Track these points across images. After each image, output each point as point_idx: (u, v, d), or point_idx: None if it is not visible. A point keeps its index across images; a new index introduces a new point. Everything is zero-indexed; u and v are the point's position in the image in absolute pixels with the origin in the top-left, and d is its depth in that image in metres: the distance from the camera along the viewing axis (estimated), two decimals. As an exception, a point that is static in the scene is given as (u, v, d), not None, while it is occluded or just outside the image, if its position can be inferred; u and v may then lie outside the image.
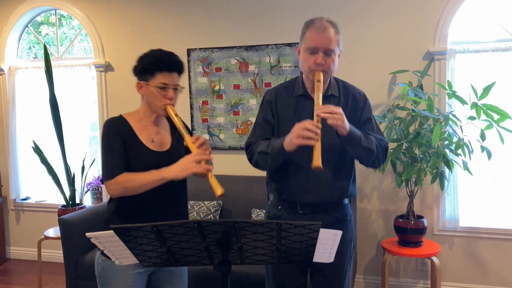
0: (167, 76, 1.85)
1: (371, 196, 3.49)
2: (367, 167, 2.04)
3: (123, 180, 1.77)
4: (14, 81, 4.26)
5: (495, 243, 3.28)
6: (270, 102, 2.05)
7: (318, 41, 1.87)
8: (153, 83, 1.84)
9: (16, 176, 4.32)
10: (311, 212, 2.00)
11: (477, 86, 2.83)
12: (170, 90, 1.85)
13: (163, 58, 1.85)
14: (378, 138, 1.98)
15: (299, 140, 1.77)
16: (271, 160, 1.93)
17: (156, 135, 1.91)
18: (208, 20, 3.73)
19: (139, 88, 1.89)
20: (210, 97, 3.76)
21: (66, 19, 4.53)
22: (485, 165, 3.12)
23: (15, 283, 3.90)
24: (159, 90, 1.83)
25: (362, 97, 2.05)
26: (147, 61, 1.85)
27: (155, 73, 1.83)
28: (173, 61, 1.87)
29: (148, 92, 1.86)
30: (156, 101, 1.85)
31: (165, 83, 1.84)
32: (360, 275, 3.57)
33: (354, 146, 1.90)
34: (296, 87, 2.05)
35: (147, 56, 1.87)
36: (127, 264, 1.50)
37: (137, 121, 1.91)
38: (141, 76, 1.87)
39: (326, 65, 1.89)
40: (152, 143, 1.88)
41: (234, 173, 3.71)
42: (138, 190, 1.77)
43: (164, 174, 1.74)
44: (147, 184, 1.75)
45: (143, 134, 1.88)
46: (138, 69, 1.88)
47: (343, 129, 1.81)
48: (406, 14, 3.30)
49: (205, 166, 1.75)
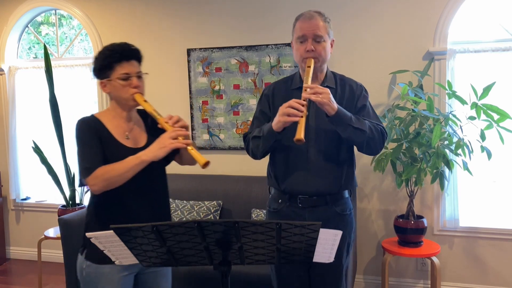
0: (127, 65, 1.80)
1: (371, 196, 3.49)
2: (364, 152, 2.02)
3: (102, 172, 1.71)
4: (14, 81, 4.26)
5: (495, 243, 3.28)
6: (267, 96, 2.13)
7: (306, 28, 1.96)
8: (114, 76, 1.79)
9: (16, 176, 4.32)
10: (311, 205, 2.01)
11: (477, 86, 2.83)
12: (134, 78, 1.80)
13: (117, 49, 1.80)
14: (373, 123, 1.98)
15: (284, 117, 1.82)
16: (262, 142, 1.97)
17: (130, 132, 1.88)
18: (208, 20, 3.74)
19: (103, 88, 1.84)
20: (210, 97, 3.77)
21: (66, 19, 4.53)
22: (485, 165, 3.12)
23: (15, 283, 3.90)
24: (122, 81, 1.79)
25: (358, 87, 2.09)
26: (103, 57, 1.80)
27: (114, 66, 1.79)
28: (128, 49, 1.82)
29: (112, 88, 1.82)
30: (122, 93, 1.81)
31: (126, 73, 1.79)
32: (360, 275, 3.57)
33: (344, 127, 1.89)
34: (294, 81, 2.11)
35: (101, 53, 1.82)
36: (124, 264, 1.49)
37: (110, 119, 1.86)
38: (102, 74, 1.83)
39: (317, 52, 1.96)
40: (128, 140, 1.85)
41: (234, 173, 3.72)
42: (119, 179, 1.72)
43: (143, 157, 1.70)
44: (128, 170, 1.70)
45: (117, 132, 1.85)
46: (96, 70, 1.84)
47: (330, 107, 1.83)
48: (406, 14, 3.30)
49: (183, 141, 1.70)
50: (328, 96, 1.82)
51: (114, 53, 1.79)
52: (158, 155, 1.69)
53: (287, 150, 2.02)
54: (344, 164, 2.04)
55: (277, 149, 2.05)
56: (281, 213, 2.08)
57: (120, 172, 1.71)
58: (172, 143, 1.68)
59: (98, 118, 1.85)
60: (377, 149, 2.00)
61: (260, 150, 2.02)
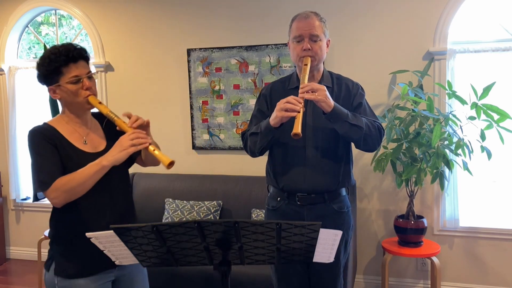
0: (74, 67, 1.69)
1: (371, 196, 3.49)
2: (362, 149, 2.03)
3: (62, 183, 1.62)
4: (14, 81, 4.26)
5: (495, 243, 3.28)
6: (265, 95, 2.16)
7: (302, 28, 1.99)
8: (63, 81, 1.69)
9: (16, 176, 4.31)
10: (309, 203, 2.03)
11: (477, 86, 2.83)
12: (84, 79, 1.70)
13: (62, 51, 1.68)
14: (370, 119, 2.01)
15: (282, 112, 1.84)
16: (260, 138, 2.00)
17: (87, 136, 1.80)
18: (208, 20, 3.73)
19: (52, 94, 1.73)
20: (210, 97, 3.76)
21: (66, 19, 4.53)
22: (485, 165, 3.12)
23: (15, 283, 3.90)
24: (72, 85, 1.69)
25: (355, 86, 2.12)
26: (48, 62, 1.69)
27: (61, 70, 1.68)
28: (74, 50, 1.70)
29: (63, 93, 1.71)
30: (75, 97, 1.71)
31: (76, 75, 1.69)
32: (360, 275, 3.57)
33: (341, 123, 1.91)
34: (291, 80, 2.14)
35: (45, 58, 1.70)
36: (124, 264, 1.49)
37: (64, 126, 1.77)
38: (49, 80, 1.72)
39: (313, 51, 1.98)
40: (86, 145, 1.77)
41: (234, 173, 3.72)
42: (81, 188, 1.63)
43: (103, 162, 1.62)
44: (89, 178, 1.62)
45: (73, 137, 1.75)
46: (43, 76, 1.73)
47: (326, 104, 1.86)
48: (406, 14, 3.30)
49: (143, 141, 1.62)
50: (324, 93, 1.85)
51: (59, 56, 1.68)
52: (119, 158, 1.62)
53: (285, 147, 2.05)
54: (341, 161, 2.07)
55: (275, 147, 2.08)
56: (279, 211, 2.10)
57: (81, 181, 1.62)
58: (133, 144, 1.61)
59: (52, 126, 1.76)
60: (374, 145, 2.02)
61: (257, 147, 2.03)
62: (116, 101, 4.00)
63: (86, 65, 1.74)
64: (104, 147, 1.80)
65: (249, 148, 2.10)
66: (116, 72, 4.02)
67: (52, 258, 1.77)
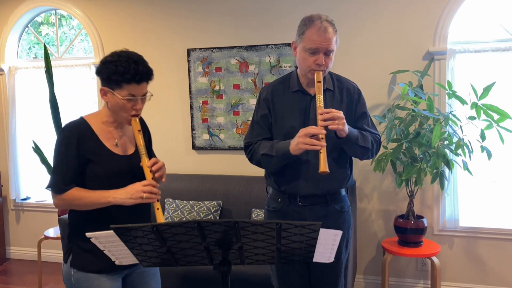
0: (135, 87, 1.71)
1: (371, 196, 3.49)
2: (360, 159, 2.13)
3: (70, 198, 1.73)
4: (14, 81, 4.26)
5: (495, 243, 3.28)
6: (266, 100, 2.10)
7: (320, 43, 1.91)
8: (120, 94, 1.70)
9: (16, 176, 4.32)
10: (311, 203, 2.04)
11: (477, 86, 2.83)
12: (138, 100, 1.74)
13: (131, 69, 1.68)
14: (372, 134, 2.08)
15: (306, 146, 1.84)
16: (276, 162, 1.99)
17: (120, 139, 1.83)
18: (208, 20, 3.73)
19: (103, 95, 1.75)
20: (210, 97, 3.76)
21: (66, 19, 4.53)
22: (485, 165, 3.12)
23: (15, 283, 3.90)
24: (126, 101, 1.71)
25: (356, 91, 2.11)
26: (113, 71, 1.68)
27: (123, 85, 1.69)
28: (142, 72, 1.71)
29: (114, 102, 1.73)
30: (122, 112, 1.75)
31: (133, 95, 1.72)
32: (360, 275, 3.57)
33: (352, 146, 1.99)
34: (292, 82, 2.09)
35: (113, 63, 1.69)
36: (124, 264, 1.49)
37: (100, 124, 1.81)
38: (107, 84, 1.72)
39: (325, 65, 1.96)
40: (117, 147, 1.81)
41: (234, 173, 3.72)
42: (83, 208, 1.75)
43: (110, 199, 1.70)
44: (92, 205, 1.72)
45: (105, 137, 1.80)
46: (102, 76, 1.72)
47: (343, 132, 1.90)
48: (406, 14, 3.30)
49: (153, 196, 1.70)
50: (343, 121, 1.87)
51: (127, 73, 1.67)
52: (125, 203, 1.70)
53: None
54: (344, 167, 2.09)
55: None
56: (281, 212, 2.09)
57: (85, 204, 1.73)
58: (142, 197, 1.68)
59: (87, 122, 1.80)
60: (373, 156, 2.12)
61: (271, 168, 2.06)
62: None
63: (145, 86, 1.76)
64: (133, 151, 1.86)
65: (259, 164, 2.08)
66: (116, 72, 4.02)
67: (70, 250, 1.83)
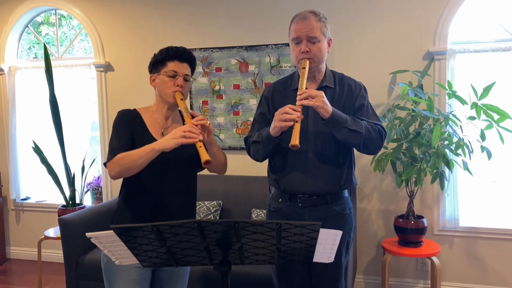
0: (178, 64, 1.91)
1: (371, 196, 3.49)
2: (363, 152, 2.01)
3: (119, 158, 1.78)
4: (14, 81, 4.26)
5: (495, 243, 3.28)
6: (267, 98, 2.13)
7: (300, 30, 1.95)
8: (163, 72, 1.90)
9: (16, 176, 4.32)
10: (311, 205, 2.02)
11: (477, 86, 2.83)
12: (180, 77, 1.90)
13: (174, 48, 1.92)
14: (371, 122, 1.98)
15: (280, 123, 1.84)
16: (261, 147, 2.01)
17: (166, 130, 1.94)
18: (208, 20, 3.74)
19: (151, 82, 1.96)
20: (210, 97, 3.76)
21: (66, 19, 4.53)
22: (485, 165, 3.12)
23: (15, 283, 3.90)
24: (169, 78, 1.89)
25: (357, 86, 2.08)
26: (159, 53, 1.93)
27: (166, 62, 1.90)
28: (183, 51, 1.93)
29: (159, 82, 1.92)
30: (166, 88, 1.90)
31: (175, 71, 1.89)
32: (360, 275, 3.57)
33: (339, 129, 1.89)
34: (293, 81, 2.11)
35: (160, 50, 1.94)
36: (128, 263, 1.49)
37: (150, 115, 1.96)
38: (154, 69, 1.94)
39: (312, 53, 1.95)
40: (162, 136, 1.88)
41: (234, 173, 3.71)
42: (133, 165, 1.76)
43: (154, 146, 1.75)
44: (140, 158, 1.74)
45: (153, 128, 1.93)
46: (151, 64, 1.96)
47: (324, 110, 1.83)
48: (406, 14, 3.30)
49: (194, 135, 1.72)
50: (321, 99, 1.82)
51: (170, 51, 1.90)
52: (168, 145, 1.72)
53: (286, 152, 2.02)
54: (343, 166, 2.05)
55: (276, 151, 2.06)
56: (281, 212, 2.08)
57: (133, 158, 1.75)
58: (183, 136, 1.72)
59: (139, 113, 1.95)
60: (375, 148, 1.99)
61: (260, 154, 2.05)
62: (116, 101, 4.00)
63: (188, 68, 1.95)
64: None
65: (252, 155, 2.11)
66: (116, 72, 4.02)
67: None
